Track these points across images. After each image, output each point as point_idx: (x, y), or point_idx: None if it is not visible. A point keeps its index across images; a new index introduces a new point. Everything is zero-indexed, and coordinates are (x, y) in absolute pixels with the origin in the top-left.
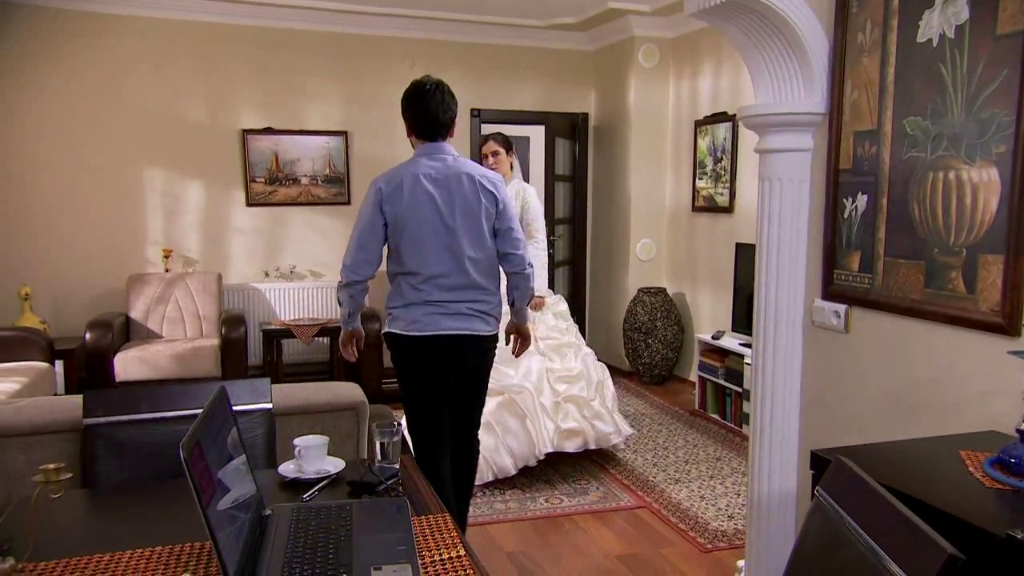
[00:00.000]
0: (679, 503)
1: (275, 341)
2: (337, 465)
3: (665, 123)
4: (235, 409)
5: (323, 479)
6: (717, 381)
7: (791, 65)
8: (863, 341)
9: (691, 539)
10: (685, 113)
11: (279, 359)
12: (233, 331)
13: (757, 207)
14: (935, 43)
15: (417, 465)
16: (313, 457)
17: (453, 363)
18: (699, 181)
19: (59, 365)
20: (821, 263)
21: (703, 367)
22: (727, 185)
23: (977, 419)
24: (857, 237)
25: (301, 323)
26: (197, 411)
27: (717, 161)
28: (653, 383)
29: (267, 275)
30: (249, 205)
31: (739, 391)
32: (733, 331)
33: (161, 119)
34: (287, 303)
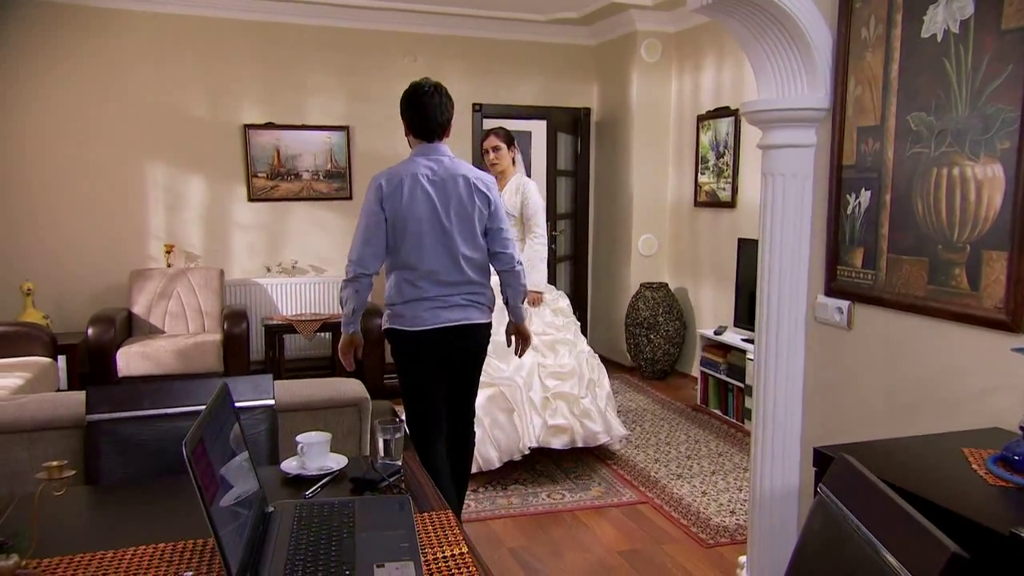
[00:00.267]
0: (681, 498)
1: (277, 336)
2: (339, 462)
3: (667, 118)
4: (237, 405)
5: (325, 476)
6: (719, 376)
7: (794, 60)
8: (866, 337)
9: (693, 535)
10: (687, 108)
11: (281, 354)
12: (235, 326)
13: (760, 203)
14: (939, 38)
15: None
16: (315, 454)
17: (454, 352)
18: (701, 176)
19: (61, 360)
20: (824, 259)
21: (705, 362)
22: (729, 180)
23: (980, 416)
24: (860, 233)
25: (303, 318)
26: (200, 407)
27: (719, 156)
28: (655, 378)
29: (269, 270)
30: (251, 200)
31: (741, 386)
32: (735, 326)
33: (163, 114)
34: (289, 298)
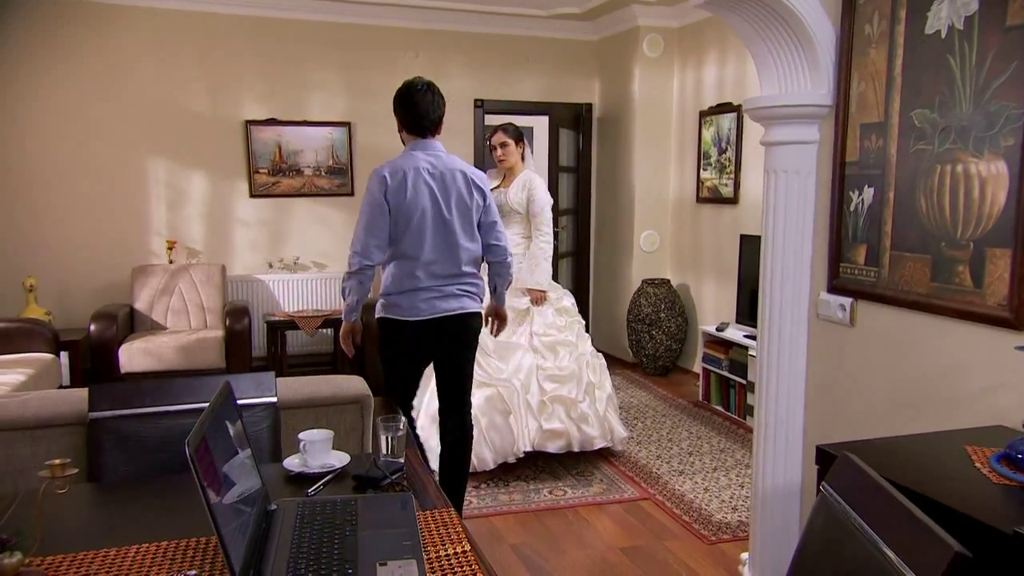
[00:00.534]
0: (683, 495)
1: (279, 332)
2: (342, 459)
3: (669, 113)
4: (240, 403)
5: (328, 473)
6: (721, 373)
7: (797, 57)
8: (869, 335)
9: (695, 531)
10: (690, 103)
11: (283, 350)
12: (237, 323)
13: (763, 199)
14: (944, 35)
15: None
16: (318, 451)
17: (449, 340)
18: (703, 172)
19: (64, 356)
20: (827, 256)
21: (707, 359)
22: (731, 176)
23: (983, 414)
24: (863, 230)
25: (305, 314)
26: (202, 404)
27: (722, 152)
28: (657, 374)
29: (271, 266)
30: (252, 196)
31: (743, 383)
32: (737, 323)
33: (164, 110)
34: (291, 294)
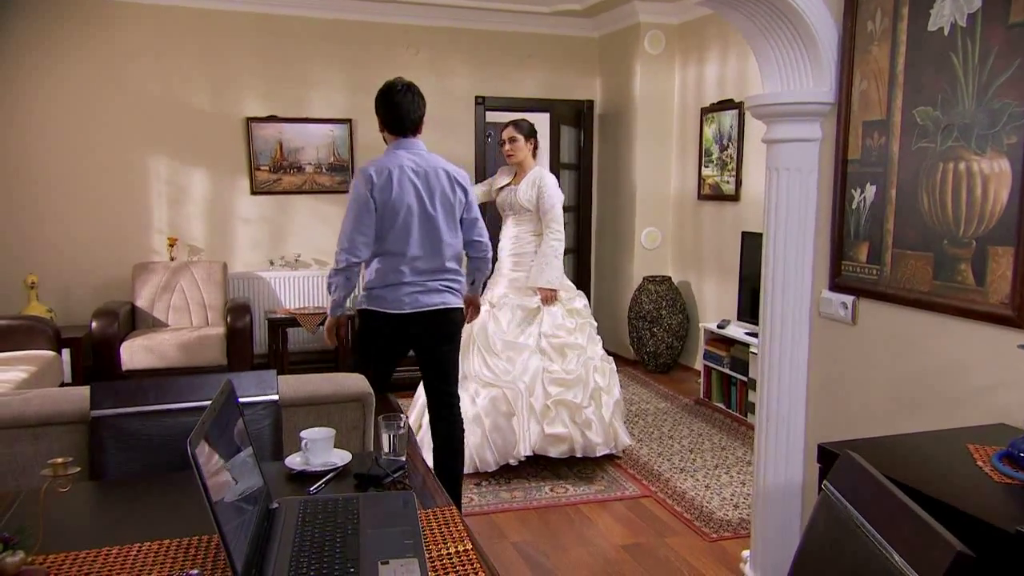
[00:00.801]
0: (684, 492)
1: (280, 330)
2: (344, 458)
3: (671, 110)
4: (241, 401)
5: (330, 472)
6: (722, 370)
7: (799, 54)
8: (871, 333)
9: (696, 528)
10: (691, 100)
11: (284, 347)
12: (238, 320)
13: (764, 197)
14: (946, 32)
15: None
16: (320, 450)
17: (430, 334)
18: (705, 169)
19: (66, 354)
20: (829, 254)
21: (708, 356)
22: (733, 173)
23: (985, 412)
24: (865, 228)
25: (306, 312)
26: (204, 403)
27: (723, 149)
28: (658, 371)
29: (272, 264)
30: (253, 193)
31: (744, 380)
32: (738, 320)
33: (165, 107)
34: (292, 292)
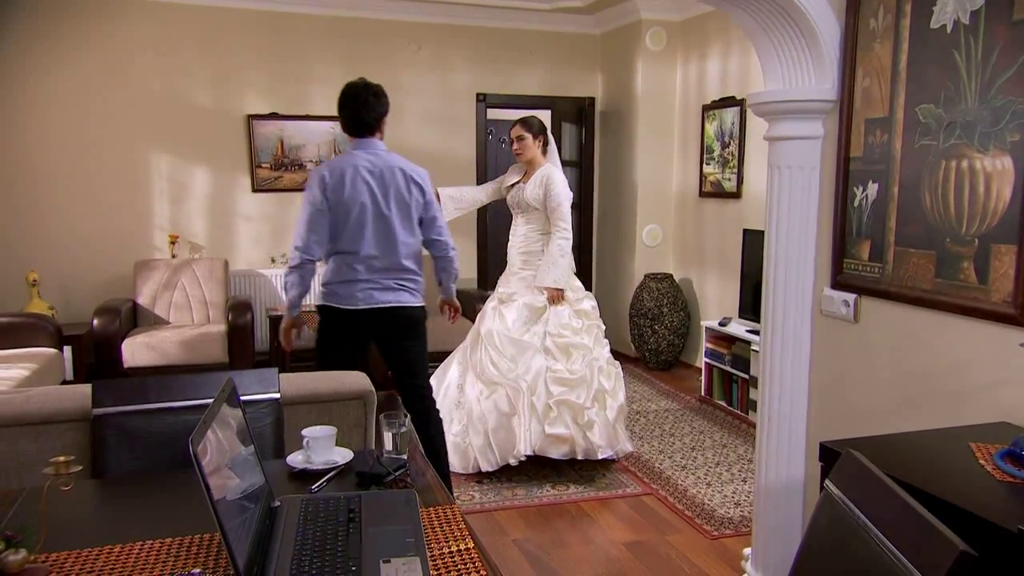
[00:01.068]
0: (685, 490)
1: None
2: (345, 456)
3: (672, 107)
4: (243, 399)
5: (331, 470)
6: (724, 368)
7: (801, 51)
8: (873, 331)
9: (697, 526)
10: (693, 97)
11: None
12: (240, 317)
13: (766, 195)
14: (949, 29)
15: None
16: (321, 448)
17: (388, 332)
18: (706, 166)
19: (67, 351)
20: (830, 252)
21: (709, 353)
22: (735, 170)
23: (988, 410)
24: (867, 226)
25: (306, 309)
26: (206, 401)
27: (725, 146)
28: (659, 369)
29: (273, 261)
30: (255, 191)
31: (746, 378)
32: (740, 317)
33: (167, 104)
34: None
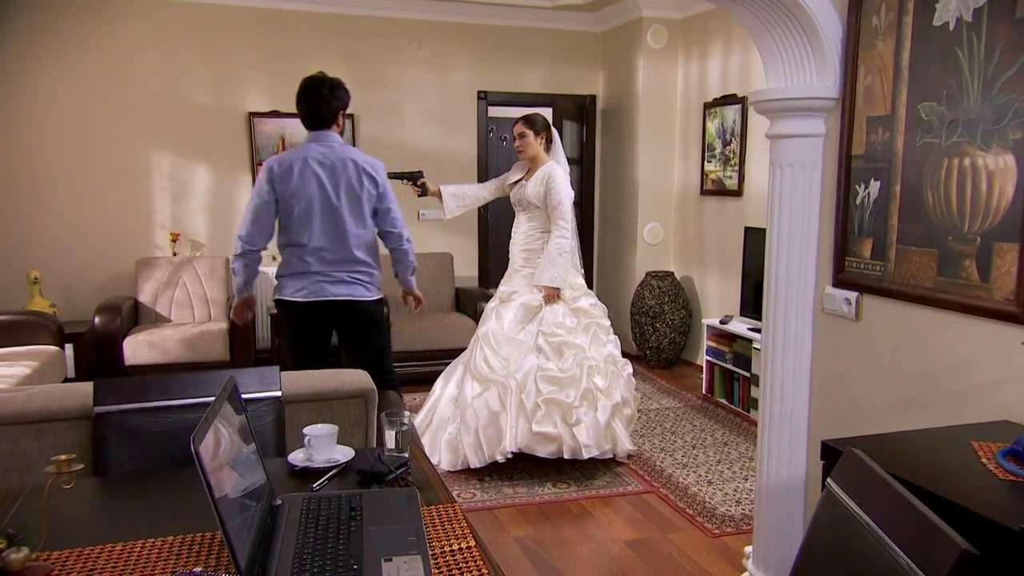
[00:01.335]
0: (687, 488)
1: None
2: (346, 454)
3: (674, 105)
4: (244, 397)
5: (333, 468)
6: (725, 366)
7: (803, 49)
8: (874, 329)
9: (699, 524)
10: (694, 95)
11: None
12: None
13: (768, 193)
14: (952, 27)
15: None
16: (322, 446)
17: (338, 325)
18: (708, 164)
19: (69, 349)
20: (832, 250)
21: (711, 351)
22: (736, 168)
23: (989, 409)
24: (869, 224)
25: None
26: (207, 399)
27: (726, 144)
28: (660, 367)
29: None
30: None
31: (747, 376)
32: (741, 315)
33: (168, 102)
34: None
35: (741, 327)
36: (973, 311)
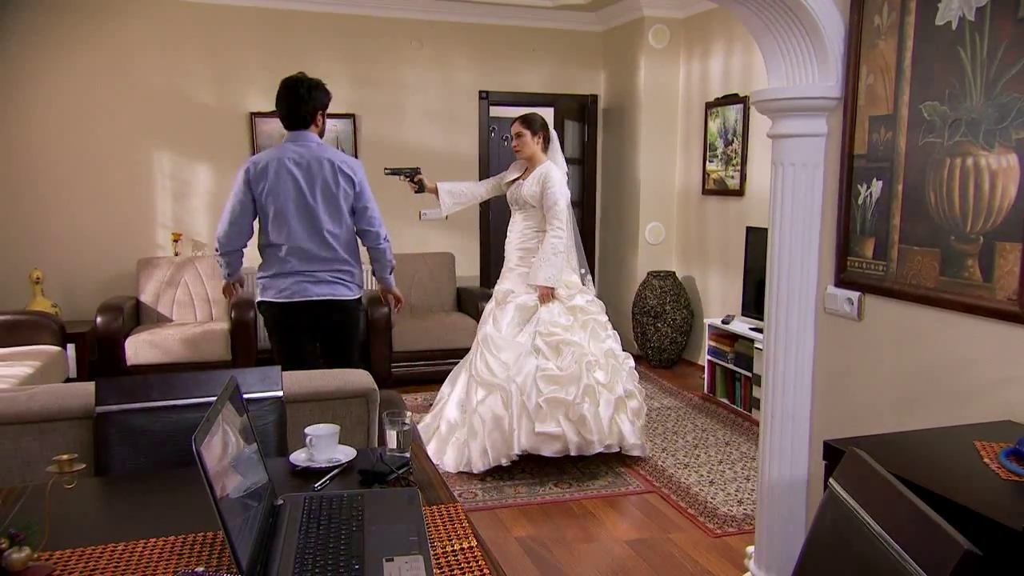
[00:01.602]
0: (688, 488)
1: None
2: (348, 454)
3: (675, 105)
4: (246, 397)
5: (334, 468)
6: (726, 365)
7: (805, 48)
8: (876, 329)
9: (700, 524)
10: (695, 95)
11: None
12: (243, 315)
13: (770, 192)
14: (954, 26)
15: None
16: (324, 446)
17: (320, 324)
18: (709, 164)
19: (71, 349)
20: (834, 250)
21: (712, 351)
22: (738, 168)
23: (992, 409)
24: (871, 223)
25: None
26: (209, 399)
27: (728, 143)
28: (662, 367)
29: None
30: None
31: (749, 376)
32: (743, 315)
33: (169, 101)
34: None
35: (743, 327)
36: (975, 311)
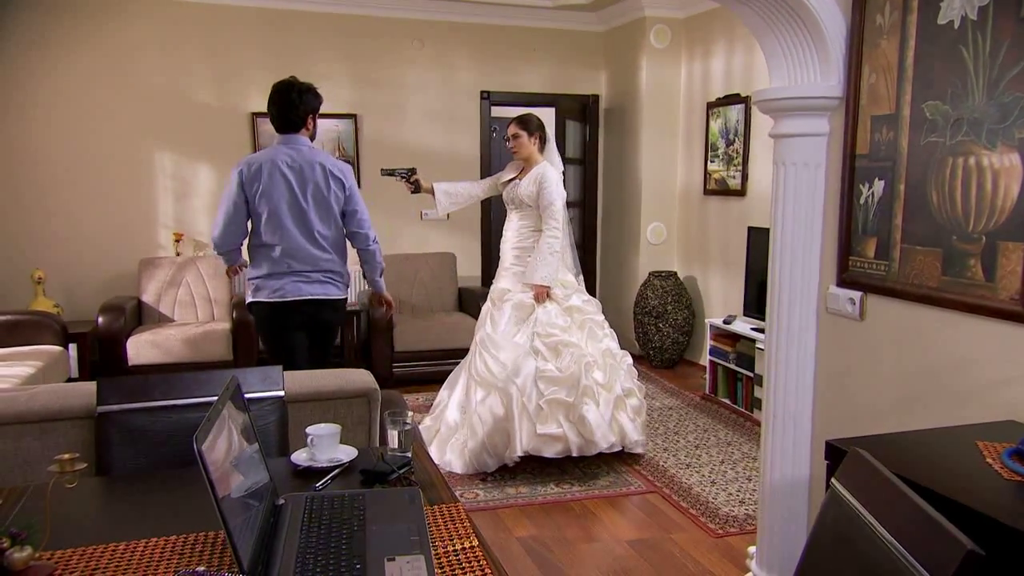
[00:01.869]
0: (690, 488)
1: None
2: (349, 454)
3: (677, 105)
4: (247, 397)
5: (336, 468)
6: (728, 366)
7: (807, 48)
8: (878, 329)
9: (702, 524)
10: (697, 95)
11: None
12: (244, 315)
13: (771, 192)
14: (956, 25)
15: None
16: (325, 446)
17: (314, 323)
18: (711, 164)
19: (72, 349)
20: (836, 249)
21: (714, 351)
22: (739, 168)
23: (994, 409)
24: (873, 223)
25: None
26: (210, 399)
27: (729, 143)
28: (663, 367)
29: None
30: None
31: (750, 376)
32: (744, 315)
33: (171, 101)
34: None
35: (744, 327)
36: (978, 310)
